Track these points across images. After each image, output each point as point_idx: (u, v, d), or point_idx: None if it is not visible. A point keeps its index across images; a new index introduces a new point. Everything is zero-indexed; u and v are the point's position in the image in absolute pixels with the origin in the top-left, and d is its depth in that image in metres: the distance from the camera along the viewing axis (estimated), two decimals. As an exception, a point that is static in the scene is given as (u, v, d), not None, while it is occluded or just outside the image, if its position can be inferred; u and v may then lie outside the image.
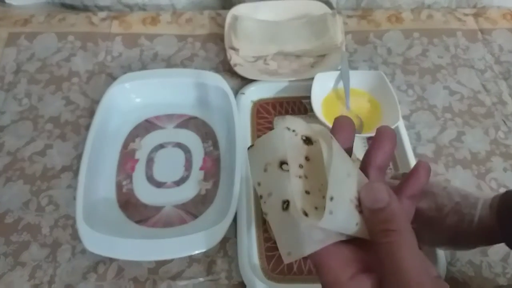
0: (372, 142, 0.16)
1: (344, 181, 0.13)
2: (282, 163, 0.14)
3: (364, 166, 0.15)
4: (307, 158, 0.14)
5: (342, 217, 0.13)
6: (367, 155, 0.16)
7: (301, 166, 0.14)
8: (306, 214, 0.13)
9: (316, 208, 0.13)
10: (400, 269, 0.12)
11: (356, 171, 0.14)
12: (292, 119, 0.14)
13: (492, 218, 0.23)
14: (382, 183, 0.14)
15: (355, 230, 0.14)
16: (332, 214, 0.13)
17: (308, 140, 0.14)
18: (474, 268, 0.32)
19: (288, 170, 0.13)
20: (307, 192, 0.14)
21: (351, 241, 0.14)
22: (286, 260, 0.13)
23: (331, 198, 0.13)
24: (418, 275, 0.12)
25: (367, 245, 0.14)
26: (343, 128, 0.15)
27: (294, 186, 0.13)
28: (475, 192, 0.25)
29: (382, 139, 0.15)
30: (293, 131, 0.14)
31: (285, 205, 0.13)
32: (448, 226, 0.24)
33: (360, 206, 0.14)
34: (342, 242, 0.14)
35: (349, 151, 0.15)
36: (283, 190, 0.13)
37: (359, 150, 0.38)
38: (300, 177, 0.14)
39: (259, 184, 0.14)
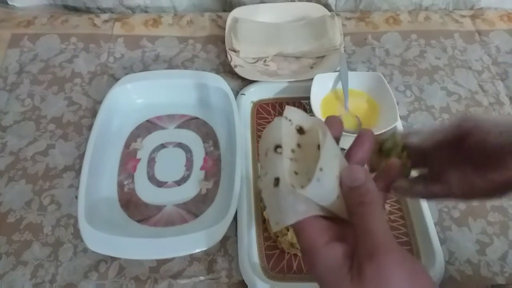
0: (354, 141, 0.18)
1: (333, 159, 0.16)
2: (277, 146, 0.16)
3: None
4: (298, 145, 0.16)
5: (327, 186, 0.15)
6: (349, 151, 0.18)
7: (293, 151, 0.16)
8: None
9: (302, 186, 0.15)
10: (370, 233, 0.15)
11: (341, 156, 0.16)
12: (290, 110, 0.17)
13: None
14: (361, 167, 0.16)
15: (335, 202, 0.16)
16: (319, 182, 0.15)
17: (301, 130, 0.17)
18: (473, 267, 0.32)
19: (281, 153, 0.16)
20: (296, 173, 0.16)
21: (328, 217, 0.16)
22: (274, 228, 0.15)
23: (321, 169, 0.15)
24: (385, 238, 0.15)
25: (341, 222, 0.16)
26: (333, 124, 0.18)
27: (285, 165, 0.16)
28: None
29: (363, 139, 0.18)
30: (290, 120, 0.16)
31: (276, 182, 0.15)
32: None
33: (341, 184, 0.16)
34: (320, 216, 0.16)
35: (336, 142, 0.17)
36: (275, 169, 0.16)
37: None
38: (291, 159, 0.16)
39: (261, 167, 0.17)
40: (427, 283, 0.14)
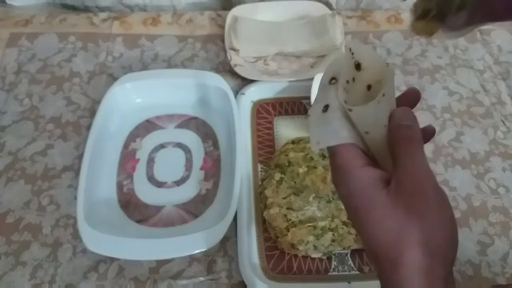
0: (402, 95, 0.19)
1: (393, 94, 0.17)
2: (332, 78, 0.18)
3: None
4: (353, 79, 0.17)
5: (384, 109, 0.17)
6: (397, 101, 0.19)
7: (347, 82, 0.17)
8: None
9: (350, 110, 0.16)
10: (414, 163, 0.15)
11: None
12: (357, 44, 0.17)
13: None
14: (411, 111, 0.17)
15: (378, 133, 0.17)
16: (379, 104, 0.16)
17: (358, 66, 0.17)
18: (473, 268, 0.32)
19: (334, 83, 0.17)
20: (345, 102, 0.17)
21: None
22: (314, 147, 0.17)
23: (384, 94, 0.16)
24: (424, 172, 0.15)
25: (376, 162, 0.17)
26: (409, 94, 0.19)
27: (339, 93, 0.17)
28: None
29: (408, 93, 0.19)
30: (352, 54, 0.17)
31: (325, 108, 0.17)
32: None
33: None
34: (359, 147, 0.17)
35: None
36: (327, 97, 0.17)
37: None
38: (344, 89, 0.17)
39: (315, 98, 0.18)
40: (452, 215, 0.16)
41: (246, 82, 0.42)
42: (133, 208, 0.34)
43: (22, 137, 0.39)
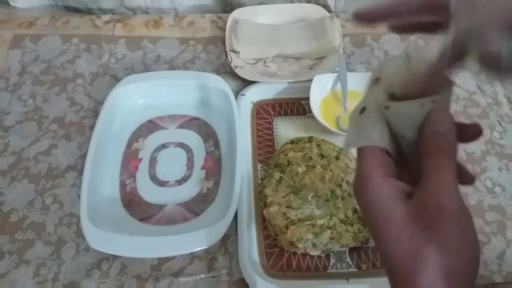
0: (459, 126, 0.17)
1: (448, 105, 0.16)
2: (377, 79, 0.17)
3: None
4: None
5: (420, 114, 0.15)
6: None
7: (391, 86, 0.17)
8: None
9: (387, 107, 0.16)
10: (439, 181, 0.14)
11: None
12: (419, 53, 0.16)
13: None
14: (450, 114, 0.15)
15: (414, 134, 0.16)
16: (422, 106, 0.15)
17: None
18: (470, 265, 0.33)
19: (377, 84, 0.17)
20: (386, 100, 0.16)
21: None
22: (345, 148, 0.16)
23: (433, 101, 0.15)
24: (449, 190, 0.14)
25: (400, 167, 0.16)
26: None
27: (379, 95, 0.16)
28: None
29: (467, 126, 0.17)
30: (410, 60, 0.16)
31: (362, 110, 0.17)
32: None
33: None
34: (388, 155, 0.16)
35: None
36: (366, 100, 0.17)
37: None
38: (385, 91, 0.17)
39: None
40: (475, 237, 0.15)
41: (246, 83, 0.42)
42: (135, 207, 0.35)
43: (26, 137, 0.39)
